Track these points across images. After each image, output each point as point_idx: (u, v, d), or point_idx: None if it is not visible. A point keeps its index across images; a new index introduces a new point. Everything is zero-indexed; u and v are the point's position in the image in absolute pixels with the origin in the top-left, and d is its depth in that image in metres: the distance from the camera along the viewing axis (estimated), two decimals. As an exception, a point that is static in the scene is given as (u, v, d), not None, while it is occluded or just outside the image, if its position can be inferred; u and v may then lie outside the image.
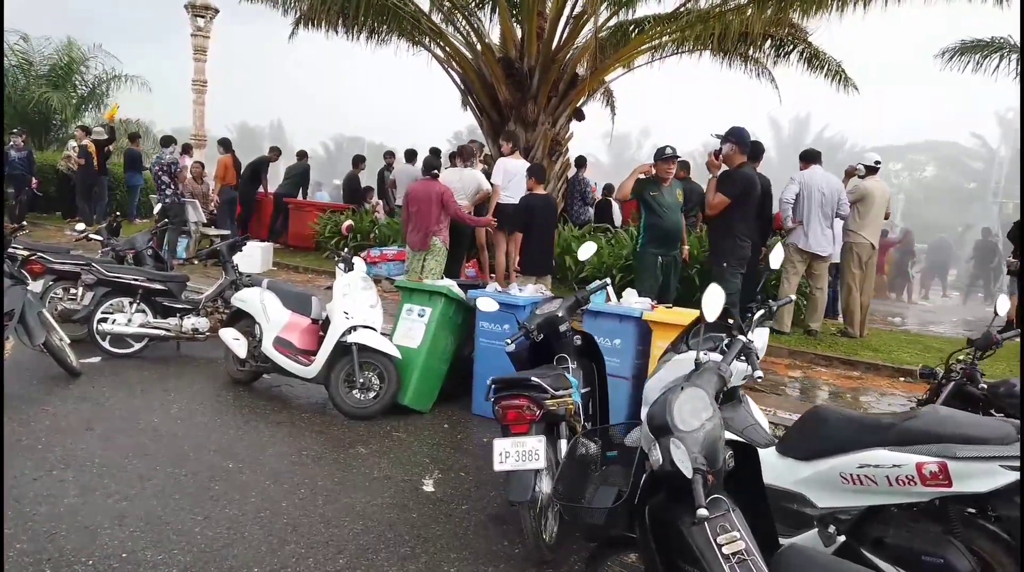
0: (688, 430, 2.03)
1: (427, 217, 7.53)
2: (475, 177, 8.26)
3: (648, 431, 2.13)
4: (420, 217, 7.53)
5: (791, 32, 12.01)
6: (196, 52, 15.04)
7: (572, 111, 10.10)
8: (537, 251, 7.63)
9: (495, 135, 10.06)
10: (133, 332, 6.67)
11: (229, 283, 7.17)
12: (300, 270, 10.70)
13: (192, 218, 11.04)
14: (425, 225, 7.56)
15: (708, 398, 2.14)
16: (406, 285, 5.93)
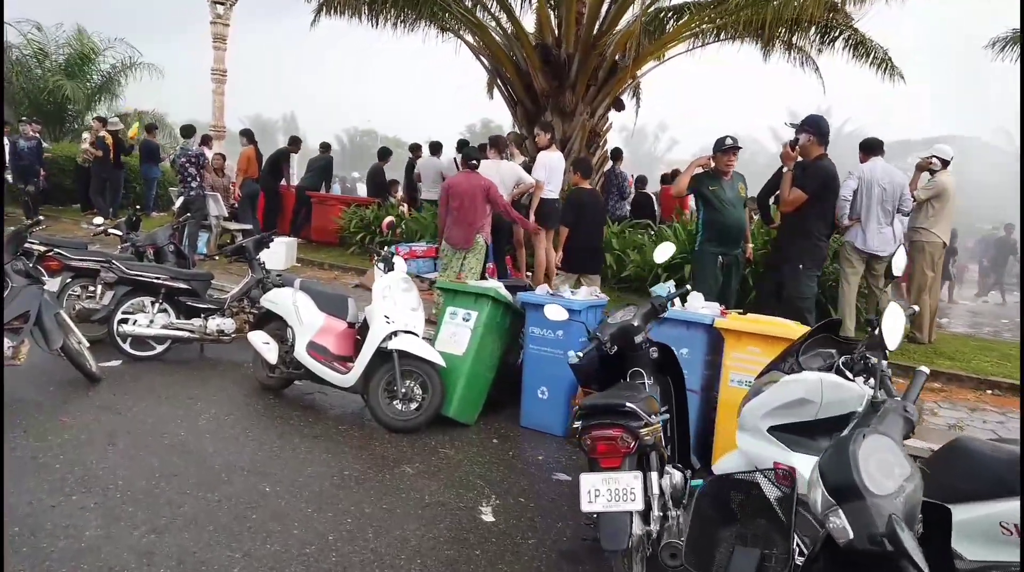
0: (883, 494, 1.59)
1: (472, 212, 7.00)
2: (514, 170, 7.83)
3: (824, 493, 1.69)
4: (464, 212, 6.99)
5: (837, 17, 11.46)
6: (215, 40, 14.63)
7: (611, 101, 9.63)
8: (587, 248, 7.12)
9: (530, 126, 9.60)
10: (155, 334, 6.31)
11: (255, 282, 6.80)
12: (325, 267, 10.32)
13: (213, 212, 10.68)
14: (470, 221, 7.02)
15: (900, 450, 1.70)
16: (450, 286, 5.51)
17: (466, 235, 7.04)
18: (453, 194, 6.96)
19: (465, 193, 6.95)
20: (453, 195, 6.96)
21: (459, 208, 6.96)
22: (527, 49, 9.06)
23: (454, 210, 7.01)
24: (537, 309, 5.20)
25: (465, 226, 7.01)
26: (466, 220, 6.99)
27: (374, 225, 11.11)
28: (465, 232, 7.03)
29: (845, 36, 11.78)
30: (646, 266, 8.42)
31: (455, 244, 7.10)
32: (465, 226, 7.01)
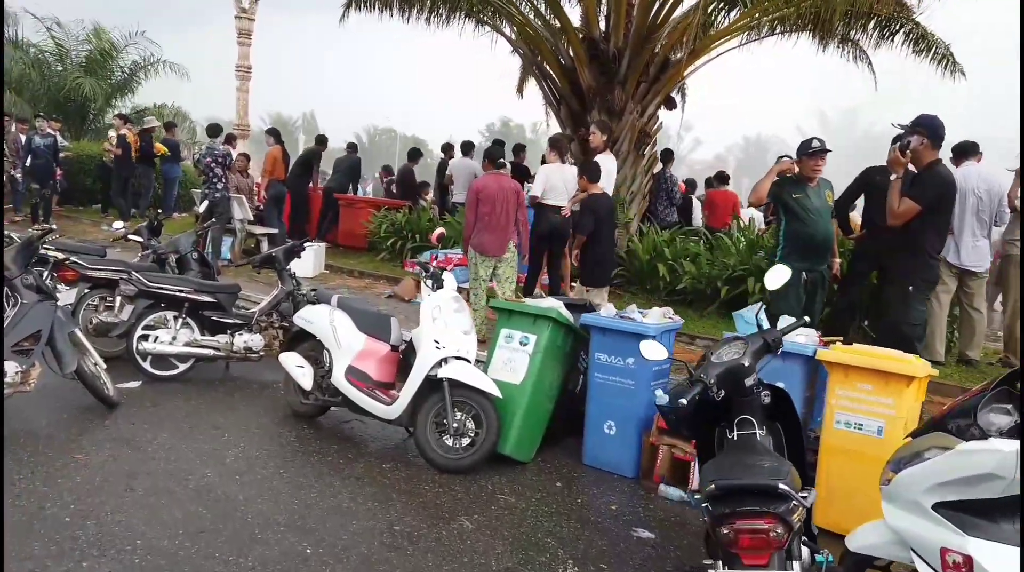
0: None
1: (505, 217, 6.59)
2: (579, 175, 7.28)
3: None
4: (496, 217, 6.55)
5: (897, 10, 10.77)
6: (240, 35, 14.24)
7: (663, 98, 9.04)
8: (604, 260, 6.70)
9: (575, 125, 9.05)
10: (178, 352, 5.84)
11: (285, 294, 6.33)
12: (355, 274, 9.83)
13: (238, 215, 10.23)
14: (504, 226, 6.61)
15: None
16: (505, 306, 4.96)
17: (501, 242, 6.63)
18: (484, 198, 6.52)
19: (496, 196, 6.54)
20: (484, 199, 6.52)
21: (491, 213, 6.53)
22: (574, 43, 8.50)
23: (484, 215, 6.52)
24: (604, 333, 4.67)
25: (499, 232, 6.59)
26: (499, 225, 6.58)
27: (406, 229, 10.62)
28: (499, 239, 6.62)
29: (906, 29, 11.11)
30: (702, 278, 7.82)
31: (488, 252, 6.66)
32: (499, 232, 6.59)
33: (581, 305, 5.30)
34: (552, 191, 7.34)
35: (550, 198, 7.35)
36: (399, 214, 10.93)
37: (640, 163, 9.03)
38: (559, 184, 7.28)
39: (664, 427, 4.41)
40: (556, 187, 7.33)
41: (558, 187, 7.30)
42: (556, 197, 7.34)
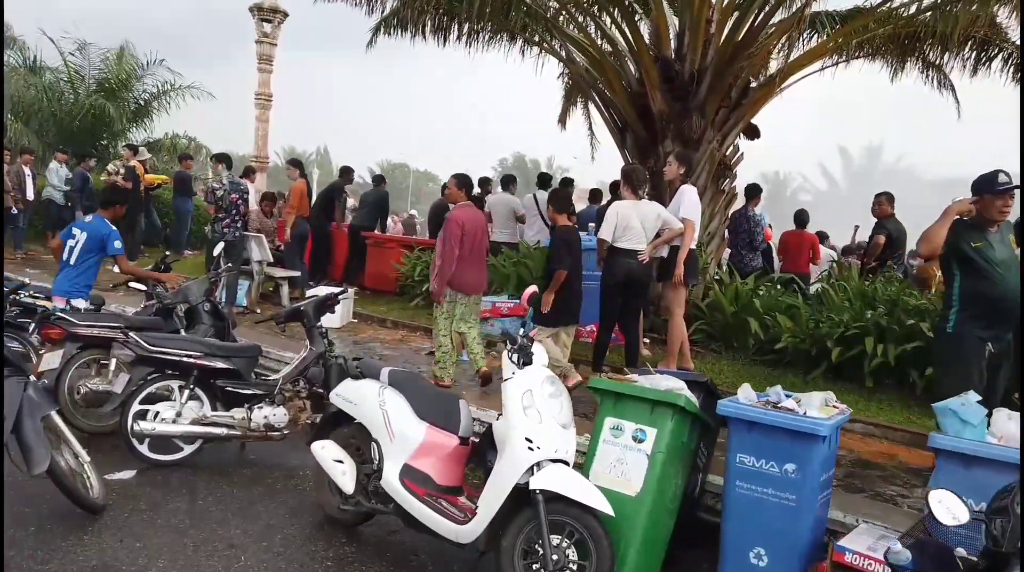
0: None
1: (482, 250, 6.31)
2: (657, 211, 6.20)
3: None
4: (478, 252, 6.25)
5: (992, 32, 9.78)
6: (261, 61, 13.47)
7: (744, 126, 8.01)
8: (576, 297, 6.21)
9: (641, 156, 8.02)
10: (183, 432, 4.77)
11: (315, 358, 5.27)
12: (388, 324, 8.75)
13: (256, 256, 9.22)
14: (482, 259, 6.34)
15: None
16: (611, 387, 3.83)
17: (482, 277, 6.40)
18: (468, 231, 6.10)
19: (478, 228, 6.25)
20: (468, 232, 6.09)
21: (472, 247, 6.14)
22: (646, 65, 7.51)
23: (466, 250, 6.08)
24: (750, 428, 3.54)
25: (480, 266, 6.33)
26: (480, 260, 6.31)
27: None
28: (480, 274, 6.36)
29: (1005, 55, 10.10)
30: (806, 337, 6.66)
31: (470, 289, 6.26)
32: (480, 266, 6.33)
33: (702, 383, 4.17)
34: (628, 232, 6.26)
35: (625, 240, 6.27)
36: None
37: (719, 199, 7.97)
38: (635, 224, 6.21)
39: (844, 563, 3.25)
40: (632, 228, 6.25)
41: (634, 228, 6.22)
42: (632, 239, 6.25)
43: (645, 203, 6.20)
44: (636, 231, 6.23)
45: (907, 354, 6.07)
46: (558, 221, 6.25)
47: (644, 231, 6.06)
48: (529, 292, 4.00)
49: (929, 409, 5.78)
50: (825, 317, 6.73)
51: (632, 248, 6.24)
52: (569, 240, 6.16)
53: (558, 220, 6.26)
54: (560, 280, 5.96)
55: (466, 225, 6.07)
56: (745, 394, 3.82)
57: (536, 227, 10.41)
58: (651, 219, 6.10)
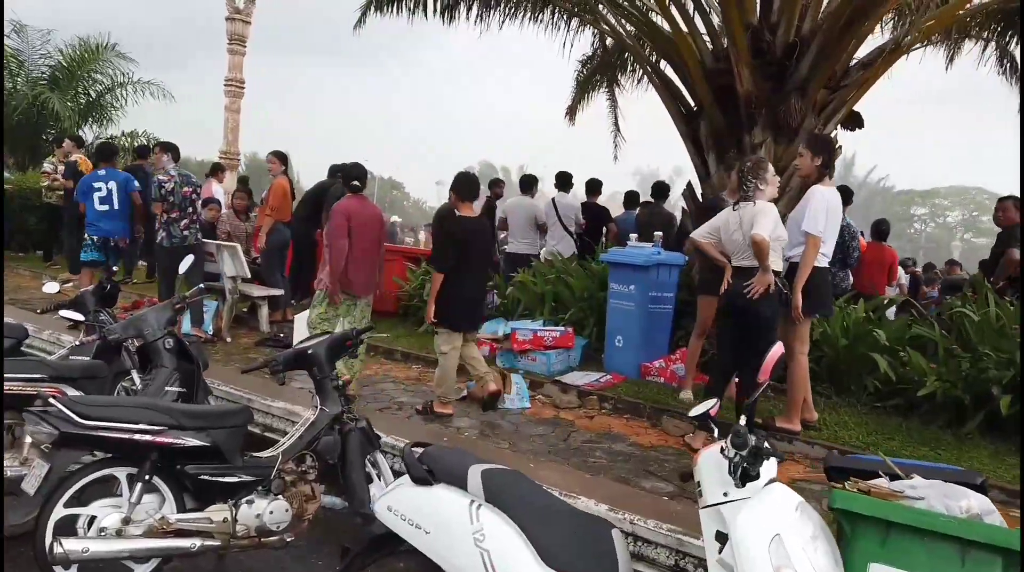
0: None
1: (375, 248, 5.84)
2: (769, 213, 4.68)
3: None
4: (368, 249, 5.72)
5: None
6: (232, 41, 11.77)
7: (848, 112, 6.61)
8: (473, 297, 5.51)
9: (718, 149, 6.57)
10: (133, 550, 3.16)
11: (328, 422, 3.75)
12: (397, 357, 7.15)
13: (229, 270, 7.56)
14: (374, 258, 5.83)
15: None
16: (872, 511, 2.31)
17: (371, 277, 5.85)
18: (356, 225, 5.62)
19: (367, 223, 5.73)
20: (356, 226, 5.61)
21: (363, 243, 5.64)
22: (735, 33, 6.05)
23: (355, 246, 5.58)
24: None
25: (371, 265, 5.83)
26: (370, 258, 5.80)
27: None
28: (370, 273, 5.83)
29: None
30: (958, 382, 5.24)
31: (360, 290, 5.75)
32: (371, 265, 5.83)
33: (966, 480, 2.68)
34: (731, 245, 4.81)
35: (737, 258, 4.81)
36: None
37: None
38: (733, 229, 4.75)
39: None
40: (731, 240, 4.80)
41: (733, 239, 4.77)
42: (739, 254, 4.79)
43: (764, 206, 4.69)
44: (738, 248, 4.79)
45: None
46: (461, 209, 5.37)
47: (743, 239, 4.65)
48: (776, 355, 2.43)
49: None
50: (978, 354, 5.32)
51: (743, 265, 4.79)
52: (463, 234, 5.29)
53: (461, 208, 5.37)
54: (437, 284, 5.27)
55: (354, 218, 5.60)
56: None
57: (558, 236, 8.96)
58: (766, 224, 4.58)
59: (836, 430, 5.18)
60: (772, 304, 4.63)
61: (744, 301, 4.63)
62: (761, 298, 4.58)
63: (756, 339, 4.63)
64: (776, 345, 2.32)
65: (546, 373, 6.33)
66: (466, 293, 5.35)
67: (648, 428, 5.38)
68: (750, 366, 4.78)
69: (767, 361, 2.29)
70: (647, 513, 3.68)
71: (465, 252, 5.26)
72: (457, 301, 5.28)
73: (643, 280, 6.18)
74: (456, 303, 5.28)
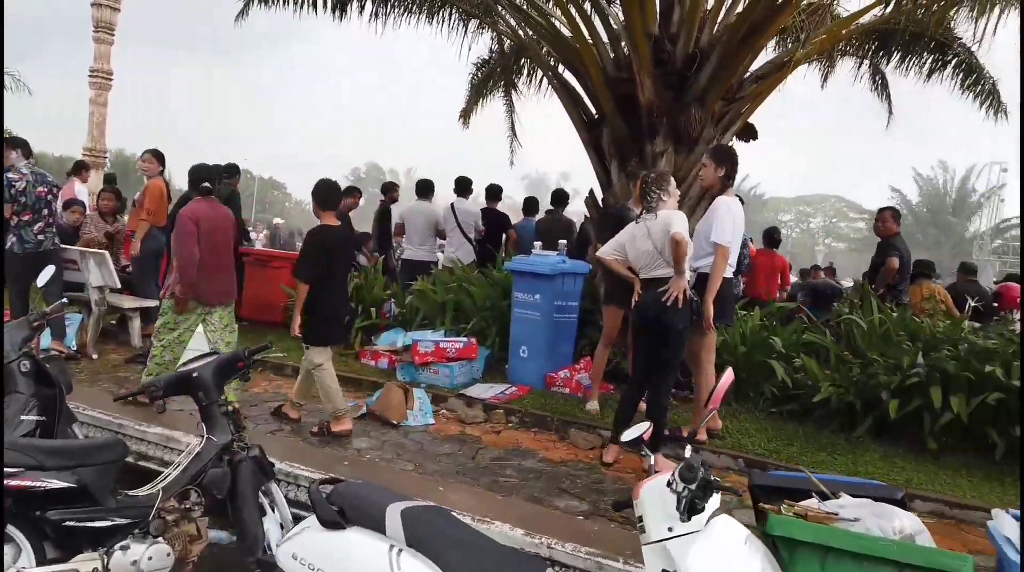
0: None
1: (228, 253, 5.55)
2: (683, 218, 4.68)
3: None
4: (220, 254, 5.39)
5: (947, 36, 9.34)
6: (98, 28, 10.80)
7: (743, 124, 6.78)
8: (341, 308, 5.35)
9: (620, 157, 6.59)
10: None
11: (217, 453, 3.41)
12: (288, 372, 6.71)
13: (95, 280, 6.86)
14: (227, 263, 5.53)
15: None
16: (813, 537, 2.25)
17: (225, 285, 5.50)
18: (205, 228, 5.27)
19: (217, 227, 5.39)
20: (205, 230, 5.27)
21: (214, 248, 5.31)
22: (637, 43, 6.06)
23: (205, 252, 5.23)
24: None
25: (223, 272, 5.48)
26: (222, 264, 5.46)
27: (354, 301, 7.65)
28: (223, 280, 5.48)
29: (957, 60, 9.69)
30: (851, 387, 5.45)
31: (212, 299, 5.38)
32: (223, 272, 5.48)
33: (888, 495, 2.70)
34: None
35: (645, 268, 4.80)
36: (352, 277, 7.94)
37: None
38: (657, 239, 4.74)
39: None
40: (643, 253, 4.79)
41: (645, 252, 4.76)
42: (649, 266, 4.78)
43: (670, 215, 4.68)
44: (640, 258, 4.78)
45: (986, 409, 4.99)
46: (323, 218, 5.25)
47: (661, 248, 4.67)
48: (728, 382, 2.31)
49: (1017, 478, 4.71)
50: (867, 360, 5.56)
51: (650, 277, 4.77)
52: (326, 244, 5.16)
53: (323, 217, 5.24)
54: (303, 295, 5.08)
55: (202, 222, 5.27)
56: (1005, 522, 2.40)
57: (457, 242, 8.77)
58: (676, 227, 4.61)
59: (739, 438, 5.26)
60: (685, 316, 4.61)
61: (656, 312, 4.59)
62: (674, 310, 4.55)
63: (666, 350, 4.62)
64: (727, 373, 2.22)
65: (449, 386, 6.11)
66: (334, 304, 5.22)
67: (556, 442, 5.27)
68: (657, 378, 4.78)
69: (719, 388, 2.19)
70: (564, 535, 3.56)
71: (331, 262, 5.13)
72: (326, 313, 5.13)
73: (548, 289, 6.09)
74: (326, 315, 5.13)
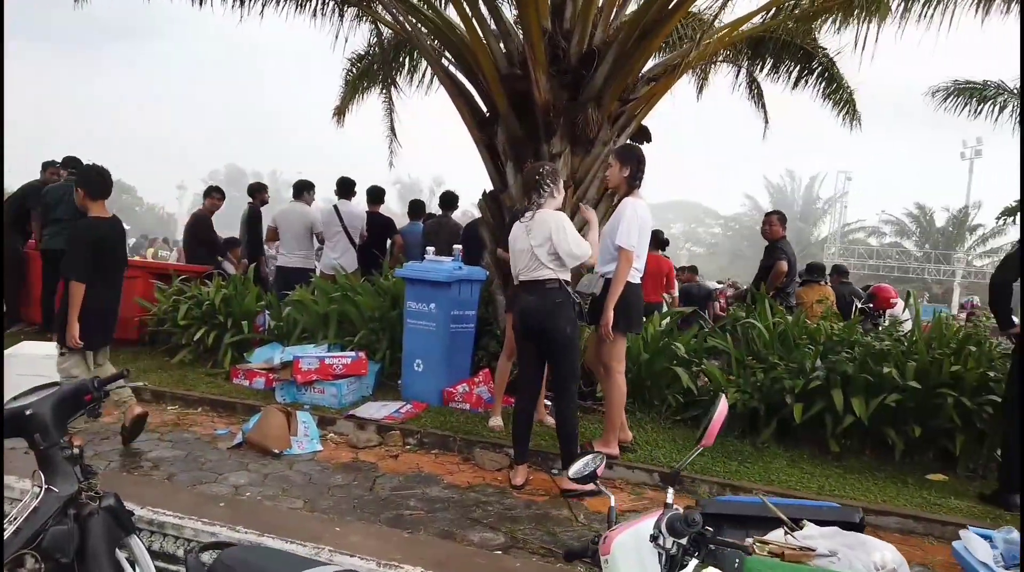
0: None
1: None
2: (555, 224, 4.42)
3: None
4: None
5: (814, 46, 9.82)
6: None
7: (637, 126, 6.66)
8: (108, 309, 4.87)
9: (516, 157, 6.29)
10: None
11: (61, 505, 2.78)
12: (148, 396, 5.89)
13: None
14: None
15: None
16: None
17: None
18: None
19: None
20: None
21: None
22: (533, 39, 5.77)
23: None
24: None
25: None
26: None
27: (221, 312, 6.92)
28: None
29: (820, 69, 10.19)
30: (754, 393, 5.42)
31: None
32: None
33: (847, 518, 2.53)
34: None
35: None
36: (210, 287, 7.17)
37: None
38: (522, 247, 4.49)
39: None
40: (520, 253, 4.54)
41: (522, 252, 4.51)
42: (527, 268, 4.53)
43: (551, 215, 4.43)
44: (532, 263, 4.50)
45: (884, 410, 5.09)
46: (92, 209, 4.75)
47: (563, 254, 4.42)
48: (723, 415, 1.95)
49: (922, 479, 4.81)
50: (769, 364, 5.56)
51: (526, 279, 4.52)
52: (92, 239, 4.68)
53: (92, 208, 4.74)
54: (78, 296, 4.51)
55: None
56: (976, 545, 2.27)
57: (341, 248, 8.15)
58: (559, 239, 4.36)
59: (650, 450, 5.08)
60: (571, 319, 4.40)
61: (538, 318, 4.36)
62: (557, 314, 4.33)
63: (559, 358, 4.39)
64: (721, 403, 1.92)
65: (337, 406, 5.57)
66: (100, 305, 4.71)
67: (460, 464, 4.88)
68: (559, 393, 4.51)
69: (713, 423, 1.88)
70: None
71: (98, 258, 4.66)
72: (89, 315, 4.60)
73: (444, 297, 5.69)
74: (88, 317, 4.59)
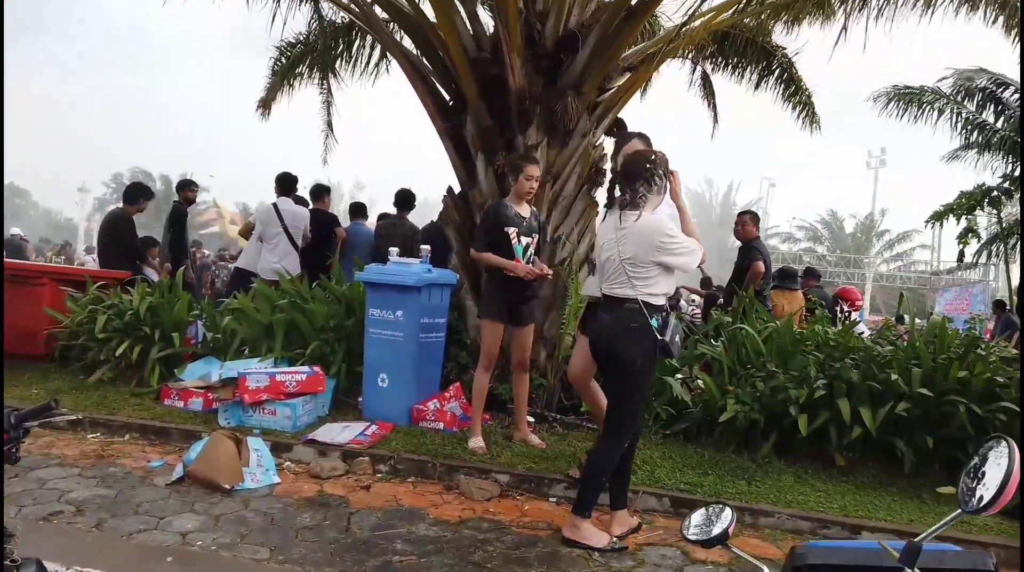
0: None
1: None
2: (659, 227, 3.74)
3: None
4: None
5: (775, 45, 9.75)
6: None
7: (614, 118, 6.24)
8: None
9: (487, 149, 5.77)
10: None
11: None
12: (62, 425, 5.07)
13: None
14: None
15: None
16: None
17: None
18: None
19: None
20: None
21: None
22: (511, 18, 5.28)
23: None
24: None
25: None
26: None
27: (148, 324, 6.12)
28: None
29: (780, 69, 10.10)
30: (754, 404, 5.06)
31: None
32: None
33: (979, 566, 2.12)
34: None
35: None
36: (135, 295, 6.35)
37: (591, 214, 6.08)
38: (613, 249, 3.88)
39: None
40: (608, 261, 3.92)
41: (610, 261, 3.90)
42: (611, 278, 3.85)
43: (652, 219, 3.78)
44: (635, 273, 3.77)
45: (893, 420, 4.81)
46: None
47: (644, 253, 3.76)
48: None
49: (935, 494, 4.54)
50: (768, 373, 5.21)
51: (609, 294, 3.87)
52: None
53: None
54: None
55: None
56: None
57: (282, 250, 7.42)
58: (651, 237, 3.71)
59: (651, 469, 4.64)
60: (645, 350, 3.59)
61: (606, 341, 3.70)
62: (631, 341, 3.59)
63: (617, 392, 3.69)
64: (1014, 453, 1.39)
65: (292, 429, 4.91)
66: None
67: (444, 493, 4.31)
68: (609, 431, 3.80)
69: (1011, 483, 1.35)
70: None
71: None
72: None
73: (413, 304, 5.11)
74: None
